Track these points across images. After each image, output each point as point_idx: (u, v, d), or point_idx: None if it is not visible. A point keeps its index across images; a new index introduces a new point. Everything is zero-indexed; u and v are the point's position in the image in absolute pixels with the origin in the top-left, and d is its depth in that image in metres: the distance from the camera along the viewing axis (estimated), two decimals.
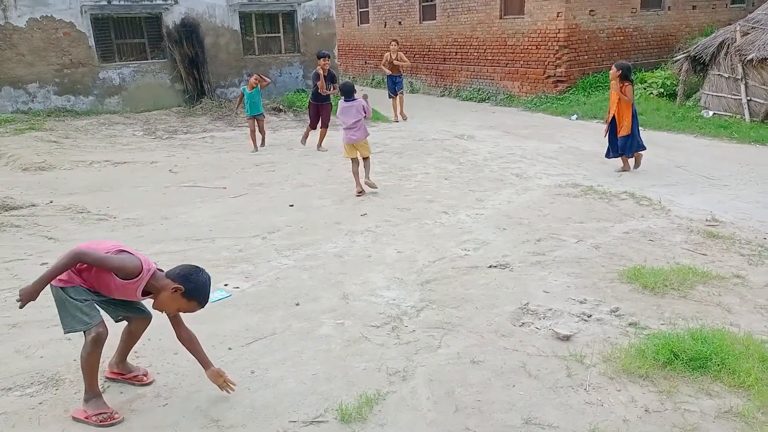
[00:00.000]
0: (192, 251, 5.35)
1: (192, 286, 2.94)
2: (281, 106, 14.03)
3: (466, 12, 16.65)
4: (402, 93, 13.35)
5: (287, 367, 3.40)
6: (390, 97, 13.35)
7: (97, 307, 2.99)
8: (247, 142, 10.41)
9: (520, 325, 3.83)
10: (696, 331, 3.44)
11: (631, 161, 8.13)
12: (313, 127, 10.34)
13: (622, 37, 14.82)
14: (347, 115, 7.13)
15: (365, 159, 7.30)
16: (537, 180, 7.69)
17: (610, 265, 4.80)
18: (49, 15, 12.90)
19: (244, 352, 3.57)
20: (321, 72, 10.02)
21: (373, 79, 20.92)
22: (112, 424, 2.91)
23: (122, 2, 13.34)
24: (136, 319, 3.25)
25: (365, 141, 7.30)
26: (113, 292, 2.96)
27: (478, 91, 16.59)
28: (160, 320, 3.94)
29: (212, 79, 14.51)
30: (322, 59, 10.05)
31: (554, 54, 14.26)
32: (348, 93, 7.18)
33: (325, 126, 10.19)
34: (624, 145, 7.88)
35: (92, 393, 2.97)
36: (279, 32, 15.47)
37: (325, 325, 3.92)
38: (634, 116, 7.86)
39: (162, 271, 3.02)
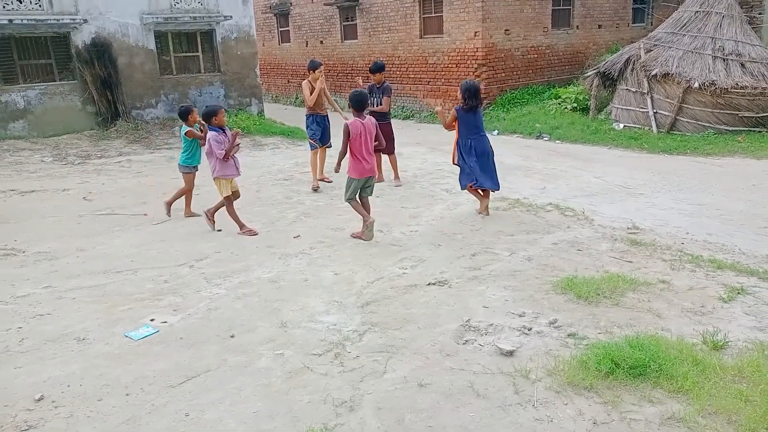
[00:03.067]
0: (112, 285, 4.99)
1: None
2: (202, 127, 13.56)
3: (386, 31, 16.87)
4: (328, 146, 8.86)
5: (225, 406, 3.19)
6: (311, 148, 8.60)
7: None
8: (166, 165, 9.94)
9: (463, 343, 3.79)
10: (633, 339, 3.53)
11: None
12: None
13: (535, 55, 15.47)
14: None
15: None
16: (466, 195, 7.77)
17: (544, 276, 4.88)
18: None
19: (176, 394, 3.32)
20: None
21: (296, 99, 20.74)
22: None
23: (25, 21, 12.51)
24: None
25: (216, 179, 6.25)
26: None
27: (402, 108, 16.78)
28: (81, 365, 3.63)
29: (127, 100, 13.87)
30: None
31: (473, 72, 14.67)
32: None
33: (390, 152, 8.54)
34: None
35: None
36: (197, 51, 15.04)
37: (263, 357, 3.72)
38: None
39: None
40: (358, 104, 5.96)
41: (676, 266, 5.02)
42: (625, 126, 12.09)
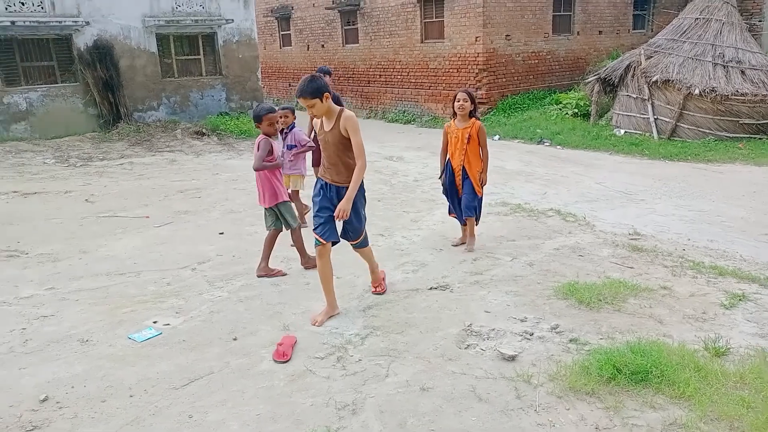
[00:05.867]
0: (115, 287, 5.01)
1: None
2: (204, 130, 13.63)
3: (388, 36, 16.93)
4: None
5: (228, 408, 3.20)
6: None
7: None
8: (168, 168, 9.97)
9: (465, 348, 3.81)
10: (635, 345, 3.54)
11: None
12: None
13: (536, 61, 15.53)
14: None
15: None
16: None
17: (545, 281, 4.90)
18: None
19: (179, 395, 3.33)
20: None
21: (297, 102, 20.75)
22: None
23: (27, 23, 12.56)
24: None
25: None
26: None
27: (404, 113, 16.83)
28: (85, 366, 3.64)
29: (129, 102, 13.92)
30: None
31: (474, 77, 14.72)
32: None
33: None
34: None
35: None
36: (199, 54, 15.10)
37: (266, 360, 3.73)
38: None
39: None
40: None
41: (678, 272, 5.03)
42: (626, 132, 12.12)
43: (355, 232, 4.38)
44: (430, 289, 4.81)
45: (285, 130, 6.24)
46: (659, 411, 3.04)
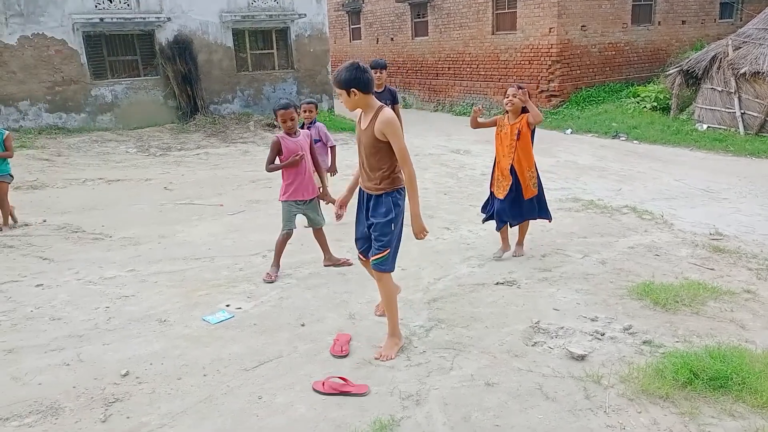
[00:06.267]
0: (191, 271, 5.23)
1: None
2: (275, 122, 13.96)
3: (458, 28, 16.75)
4: None
5: (296, 392, 3.28)
6: None
7: None
8: (241, 158, 10.29)
9: (532, 345, 3.74)
10: (714, 350, 3.37)
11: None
12: None
13: (613, 52, 14.95)
14: None
15: None
16: None
17: (618, 280, 4.73)
18: (40, 32, 12.82)
19: (250, 377, 3.45)
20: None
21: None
22: None
23: (114, 19, 13.28)
24: None
25: None
26: None
27: (472, 105, 16.61)
28: (162, 345, 3.83)
29: (205, 95, 14.46)
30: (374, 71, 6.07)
31: (547, 69, 14.35)
32: None
33: None
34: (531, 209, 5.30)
35: None
36: (272, 48, 15.48)
37: (321, 341, 3.81)
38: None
39: None
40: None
41: (763, 276, 4.74)
42: (708, 127, 11.49)
43: (379, 242, 3.57)
44: (497, 284, 4.74)
45: (309, 125, 6.12)
46: (739, 420, 2.88)
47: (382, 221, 3.55)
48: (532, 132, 5.10)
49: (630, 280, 4.69)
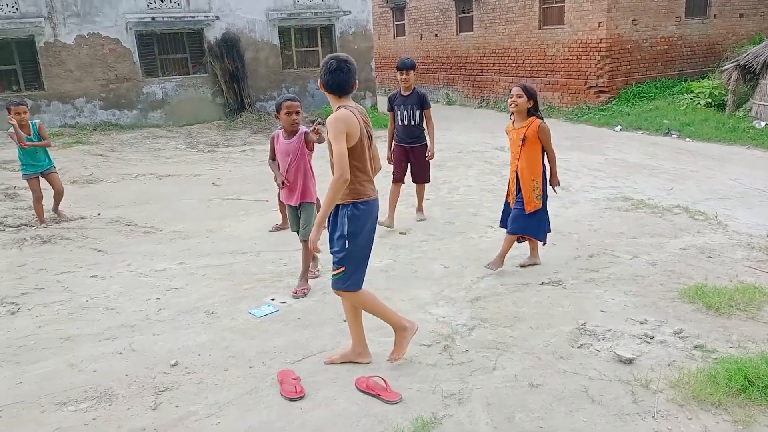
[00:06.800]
0: (238, 265, 5.35)
1: None
2: (320, 119, 14.10)
3: (504, 23, 16.53)
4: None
5: (338, 386, 3.32)
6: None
7: None
8: None
9: (578, 347, 3.67)
10: None
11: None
12: (396, 179, 6.41)
13: (666, 47, 14.47)
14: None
15: None
16: (584, 193, 7.49)
17: (669, 283, 4.59)
18: (95, 32, 13.29)
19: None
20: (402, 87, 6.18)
21: None
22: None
23: (165, 18, 13.65)
24: None
25: None
26: None
27: None
28: (210, 336, 3.93)
29: (252, 92, 14.71)
30: (401, 72, 6.08)
31: (596, 64, 14.00)
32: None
33: (420, 180, 6.49)
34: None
35: None
36: (317, 46, 15.62)
37: (373, 342, 3.81)
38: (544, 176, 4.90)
39: None
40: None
41: None
42: (767, 124, 11.00)
43: (334, 257, 3.30)
44: (542, 284, 4.67)
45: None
46: None
47: (335, 236, 3.28)
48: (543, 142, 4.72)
49: (681, 283, 4.55)
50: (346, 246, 3.24)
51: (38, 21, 12.58)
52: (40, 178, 6.67)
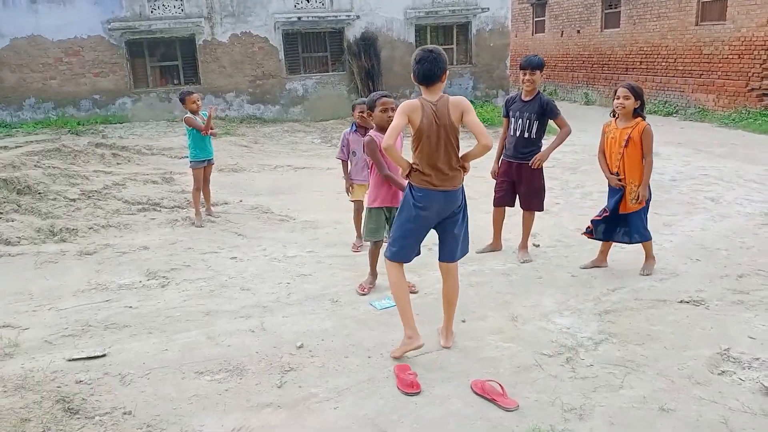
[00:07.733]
0: (361, 257, 5.49)
1: None
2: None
3: (655, 19, 15.41)
4: None
5: (453, 386, 3.31)
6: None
7: None
8: None
9: (719, 374, 3.35)
10: None
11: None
12: (496, 203, 5.56)
13: None
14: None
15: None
16: (737, 206, 6.80)
17: None
18: (247, 31, 14.31)
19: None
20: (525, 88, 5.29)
21: (544, 90, 20.24)
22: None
23: (310, 18, 14.37)
24: None
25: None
26: None
27: (665, 104, 15.24)
28: (333, 323, 4.09)
29: (385, 90, 15.02)
30: (524, 72, 5.30)
31: (760, 65, 12.62)
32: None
33: (527, 207, 5.40)
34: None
35: None
36: (452, 44, 15.60)
37: (491, 346, 3.76)
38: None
39: None
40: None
41: None
42: None
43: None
44: (680, 302, 4.31)
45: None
46: None
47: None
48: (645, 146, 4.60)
49: None
50: (397, 216, 3.70)
51: (199, 21, 13.81)
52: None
